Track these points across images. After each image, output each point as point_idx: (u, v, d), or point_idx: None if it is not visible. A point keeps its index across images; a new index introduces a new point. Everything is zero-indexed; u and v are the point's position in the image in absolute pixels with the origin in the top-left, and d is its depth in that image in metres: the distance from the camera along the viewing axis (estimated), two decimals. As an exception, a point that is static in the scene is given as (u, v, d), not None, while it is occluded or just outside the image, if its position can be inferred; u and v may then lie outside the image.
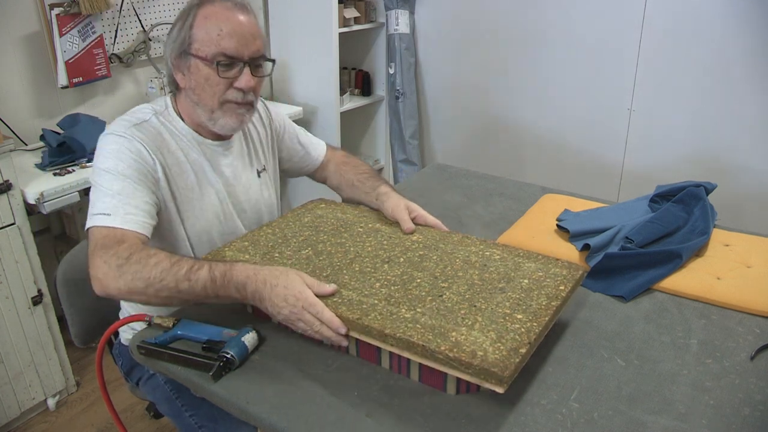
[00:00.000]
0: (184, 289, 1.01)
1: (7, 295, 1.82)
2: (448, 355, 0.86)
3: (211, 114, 1.20)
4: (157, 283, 1.00)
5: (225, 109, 1.19)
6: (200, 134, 1.26)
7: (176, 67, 1.20)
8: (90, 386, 2.15)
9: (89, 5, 2.17)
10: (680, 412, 0.90)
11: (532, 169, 2.83)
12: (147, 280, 1.00)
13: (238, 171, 1.32)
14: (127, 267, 1.01)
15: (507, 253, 1.13)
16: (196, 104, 1.20)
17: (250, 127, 1.38)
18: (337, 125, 2.88)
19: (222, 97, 1.18)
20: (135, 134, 1.15)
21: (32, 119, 2.23)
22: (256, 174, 1.37)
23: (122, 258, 1.02)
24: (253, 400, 0.93)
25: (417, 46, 3.05)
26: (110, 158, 1.12)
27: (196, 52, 1.15)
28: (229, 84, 1.17)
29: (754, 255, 1.30)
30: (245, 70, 1.17)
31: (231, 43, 1.14)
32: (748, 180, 2.29)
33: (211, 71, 1.15)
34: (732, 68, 2.21)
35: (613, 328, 1.10)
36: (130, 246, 1.04)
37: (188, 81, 1.19)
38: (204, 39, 1.14)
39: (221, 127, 1.22)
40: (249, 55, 1.17)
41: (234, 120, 1.21)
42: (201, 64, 1.15)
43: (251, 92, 1.20)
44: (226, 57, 1.15)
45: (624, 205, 1.47)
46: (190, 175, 1.23)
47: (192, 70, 1.17)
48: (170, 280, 1.00)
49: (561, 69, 2.62)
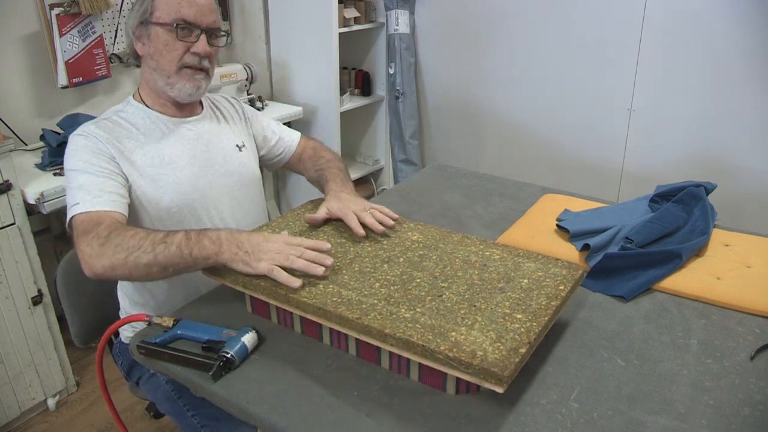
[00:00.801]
0: (161, 251, 1.05)
1: (7, 295, 1.82)
2: (447, 355, 0.86)
3: (168, 79, 1.27)
4: (135, 250, 1.05)
5: (182, 74, 1.27)
6: (163, 113, 1.32)
7: (137, 36, 1.28)
8: (90, 386, 2.15)
9: (89, 5, 2.17)
10: (680, 412, 0.90)
11: (532, 169, 2.83)
12: (127, 250, 1.05)
13: (212, 143, 1.36)
14: (108, 244, 1.07)
15: (507, 253, 1.13)
16: (153, 70, 1.28)
17: (221, 108, 1.45)
18: (337, 125, 2.88)
19: (180, 62, 1.26)
20: (91, 131, 1.23)
21: (32, 119, 2.23)
22: (236, 147, 1.41)
23: (102, 237, 1.08)
24: (253, 400, 0.93)
25: (417, 46, 3.05)
26: (71, 159, 1.20)
27: (156, 20, 1.24)
28: (186, 48, 1.26)
29: (754, 255, 1.30)
30: (202, 36, 1.26)
31: (190, 11, 1.24)
32: (748, 180, 2.29)
33: (170, 36, 1.24)
34: (732, 68, 2.21)
35: (613, 328, 1.10)
36: (108, 226, 1.10)
37: (147, 48, 1.27)
38: (164, 8, 1.24)
39: (178, 91, 1.28)
40: (206, 24, 1.27)
41: (191, 85, 1.28)
42: (161, 30, 1.24)
43: (207, 59, 1.29)
44: (185, 22, 1.24)
45: (624, 205, 1.47)
46: (155, 153, 1.27)
47: (152, 37, 1.26)
48: (147, 246, 1.06)
49: (561, 69, 2.62)
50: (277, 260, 1.03)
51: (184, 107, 1.35)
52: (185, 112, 1.35)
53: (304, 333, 1.08)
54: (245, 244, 1.06)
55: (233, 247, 1.05)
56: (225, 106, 1.46)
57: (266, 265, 1.03)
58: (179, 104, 1.33)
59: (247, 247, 1.05)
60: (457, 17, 2.87)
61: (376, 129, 3.34)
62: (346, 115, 3.05)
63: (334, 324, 0.97)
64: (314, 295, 1.00)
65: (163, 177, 1.27)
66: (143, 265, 1.05)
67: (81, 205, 1.13)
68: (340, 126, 2.90)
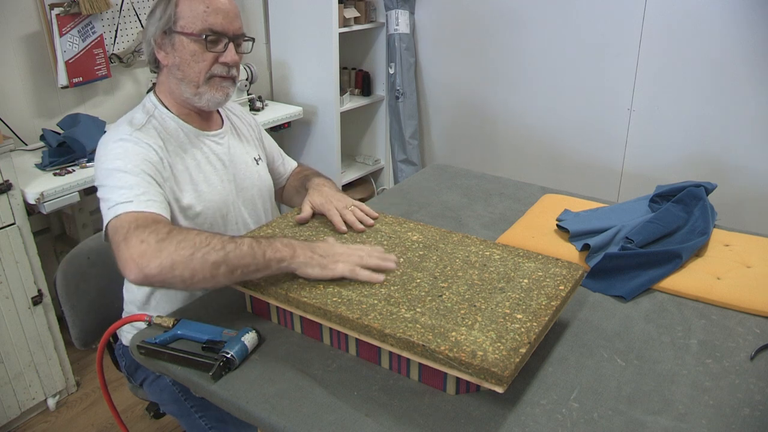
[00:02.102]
0: (231, 249, 0.99)
1: (7, 295, 1.82)
2: (447, 355, 0.86)
3: (197, 89, 1.23)
4: (204, 246, 0.98)
5: (211, 84, 1.24)
6: (188, 122, 1.28)
7: (159, 45, 1.23)
8: (90, 386, 2.15)
9: (89, 5, 2.17)
10: (680, 412, 0.90)
11: (532, 169, 2.83)
12: (193, 246, 0.98)
13: (236, 156, 1.35)
14: (169, 240, 0.99)
15: (507, 253, 1.13)
16: (180, 80, 1.23)
17: (236, 122, 1.43)
18: (337, 125, 2.88)
19: (208, 72, 1.23)
20: (140, 137, 1.17)
21: (32, 119, 2.23)
22: (254, 161, 1.41)
23: (162, 233, 1.00)
24: (253, 400, 0.93)
25: (417, 46, 3.05)
26: (118, 159, 1.13)
27: (181, 29, 1.20)
28: (215, 59, 1.22)
29: (754, 255, 1.30)
30: (230, 45, 1.23)
31: (217, 19, 1.20)
32: (748, 180, 2.29)
33: (197, 47, 1.20)
34: (732, 68, 2.21)
35: (613, 328, 1.10)
36: (168, 224, 1.04)
37: (172, 58, 1.22)
38: (190, 16, 1.19)
39: (207, 101, 1.25)
40: (233, 32, 1.23)
41: (220, 93, 1.25)
42: (187, 40, 1.20)
43: (234, 67, 1.26)
44: (213, 32, 1.20)
45: (624, 206, 1.47)
46: (191, 164, 1.25)
47: (177, 47, 1.21)
48: (216, 243, 0.99)
49: (561, 68, 2.62)
50: (354, 261, 1.04)
51: (207, 118, 1.32)
52: (209, 125, 1.33)
53: (304, 333, 1.08)
54: (318, 249, 1.05)
55: (307, 251, 1.04)
56: (239, 119, 1.45)
57: (345, 266, 1.03)
58: (203, 113, 1.31)
59: (321, 251, 1.05)
60: (457, 17, 2.87)
61: (376, 129, 3.34)
62: (346, 115, 3.05)
63: (334, 324, 0.97)
64: (314, 295, 1.00)
65: (201, 195, 1.25)
66: (211, 263, 0.98)
67: (134, 203, 1.05)
68: (340, 126, 2.90)
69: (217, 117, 1.37)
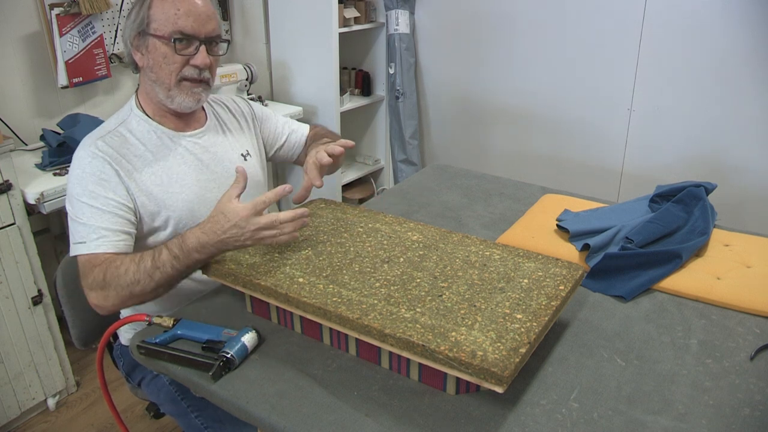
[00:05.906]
0: (158, 277, 1.10)
1: (7, 295, 1.82)
2: (447, 355, 0.86)
3: (168, 92, 1.25)
4: (136, 285, 1.10)
5: (181, 87, 1.25)
6: (166, 126, 1.29)
7: (135, 47, 1.24)
8: (90, 386, 2.15)
9: (89, 5, 2.17)
10: (680, 412, 0.90)
11: (532, 169, 2.83)
12: (128, 287, 1.10)
13: (218, 155, 1.35)
14: (106, 286, 1.10)
15: (507, 253, 1.13)
16: (153, 82, 1.25)
17: (223, 116, 1.42)
18: (337, 125, 2.88)
19: (179, 75, 1.23)
20: (100, 147, 1.20)
21: (32, 119, 2.23)
22: (240, 157, 1.40)
23: (99, 281, 1.11)
24: (253, 400, 0.93)
25: (417, 46, 3.05)
26: (76, 185, 1.18)
27: (154, 32, 1.21)
28: (186, 61, 1.23)
29: (754, 255, 1.30)
30: (201, 48, 1.23)
31: (187, 22, 1.20)
32: (748, 180, 2.29)
33: (168, 49, 1.21)
34: (732, 68, 2.21)
35: (613, 328, 1.10)
36: (101, 266, 1.12)
37: (146, 60, 1.24)
38: (161, 19, 1.20)
39: (178, 104, 1.26)
40: (205, 34, 1.23)
41: (190, 98, 1.26)
42: (159, 42, 1.21)
43: (207, 70, 1.26)
44: (182, 35, 1.20)
45: (624, 206, 1.47)
46: (163, 172, 1.26)
47: (150, 49, 1.22)
48: (144, 278, 1.09)
49: (561, 69, 2.62)
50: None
51: (186, 118, 1.32)
52: (188, 124, 1.33)
53: (304, 333, 1.08)
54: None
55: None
56: (229, 111, 1.44)
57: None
58: (180, 115, 1.31)
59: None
60: (457, 17, 2.87)
61: (376, 129, 3.34)
62: (346, 115, 3.05)
63: (334, 324, 0.97)
64: (314, 295, 1.00)
65: (171, 196, 1.25)
66: (150, 291, 1.11)
67: (86, 245, 1.14)
68: (340, 126, 2.89)
69: (199, 115, 1.37)
